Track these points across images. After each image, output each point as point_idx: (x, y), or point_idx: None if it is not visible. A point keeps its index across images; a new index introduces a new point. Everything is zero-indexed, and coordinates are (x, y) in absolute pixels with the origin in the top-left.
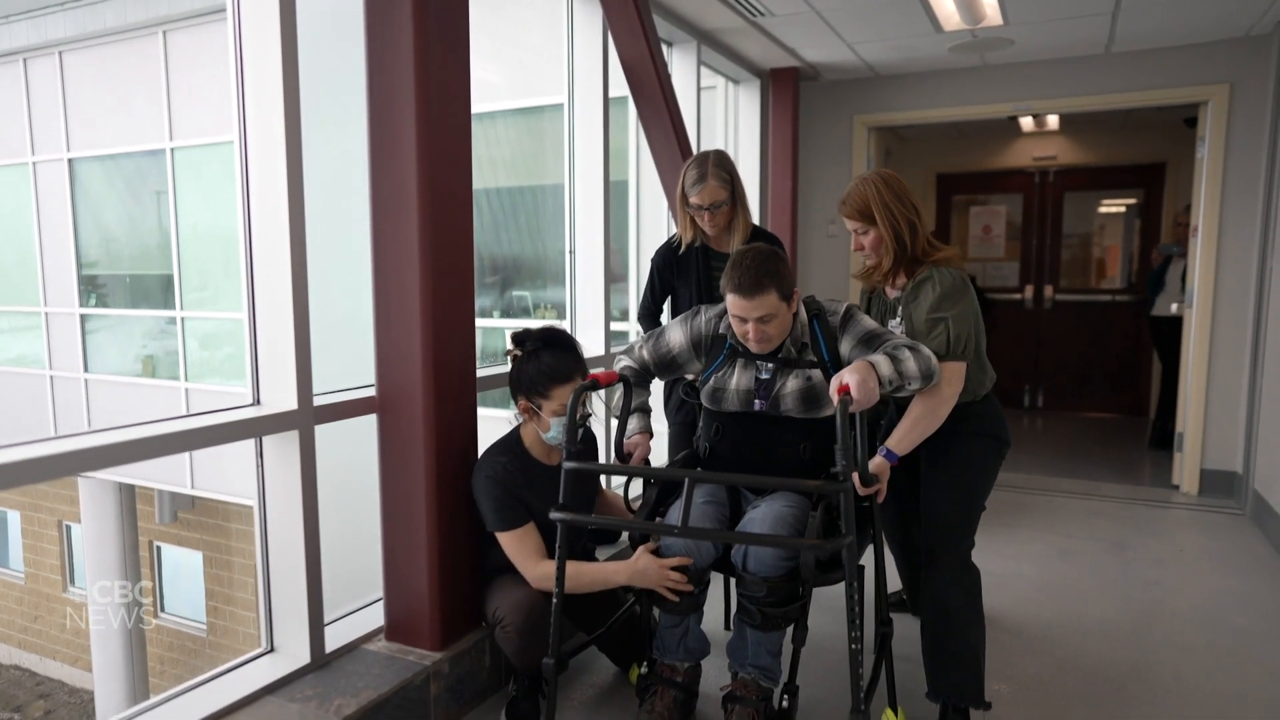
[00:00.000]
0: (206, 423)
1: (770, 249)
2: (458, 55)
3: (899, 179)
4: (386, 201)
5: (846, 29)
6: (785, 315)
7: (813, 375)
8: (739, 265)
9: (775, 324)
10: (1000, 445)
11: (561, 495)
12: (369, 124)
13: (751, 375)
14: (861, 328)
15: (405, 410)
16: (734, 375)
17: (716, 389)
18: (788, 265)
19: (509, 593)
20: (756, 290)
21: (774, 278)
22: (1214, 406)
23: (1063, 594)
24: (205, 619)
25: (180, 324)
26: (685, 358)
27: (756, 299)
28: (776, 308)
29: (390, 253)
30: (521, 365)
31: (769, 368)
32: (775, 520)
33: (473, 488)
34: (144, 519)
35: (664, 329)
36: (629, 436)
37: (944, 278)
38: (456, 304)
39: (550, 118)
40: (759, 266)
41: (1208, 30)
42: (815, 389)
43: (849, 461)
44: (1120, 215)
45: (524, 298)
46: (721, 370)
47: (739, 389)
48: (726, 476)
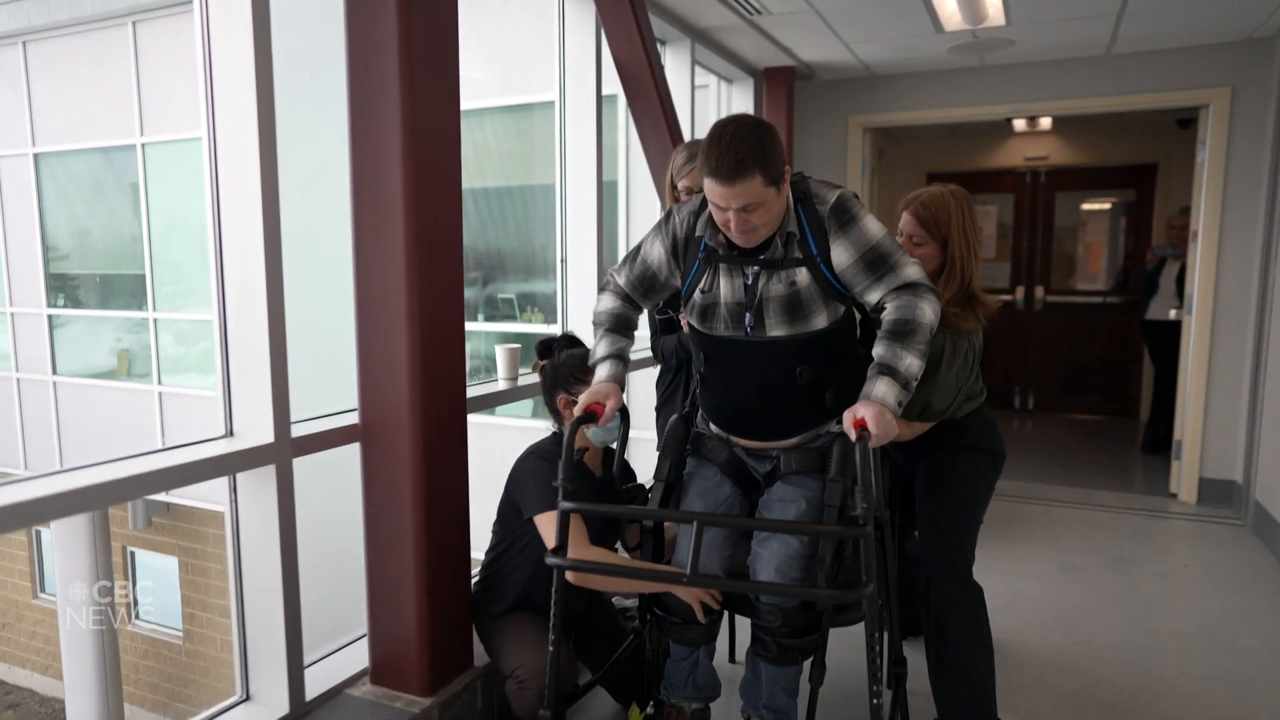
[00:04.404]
0: (174, 461)
1: (756, 119)
2: (446, 52)
3: (971, 202)
4: (369, 210)
5: (845, 28)
6: (774, 202)
7: (798, 278)
8: (717, 142)
9: (761, 212)
10: (995, 459)
11: (560, 538)
12: (350, 126)
13: (740, 284)
14: (864, 237)
15: (391, 438)
16: (720, 285)
17: (706, 305)
18: (777, 141)
19: (532, 651)
20: (737, 174)
21: (759, 159)
22: (1213, 414)
23: (1070, 615)
24: (181, 626)
25: (153, 325)
26: (668, 270)
27: (738, 184)
28: (762, 195)
29: (374, 266)
30: (554, 365)
31: (753, 271)
32: (785, 558)
33: (514, 474)
34: (117, 524)
35: (641, 244)
36: (594, 386)
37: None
38: (446, 321)
39: (540, 116)
40: (741, 144)
41: (1209, 33)
42: (800, 295)
43: (870, 503)
44: (1112, 216)
45: (510, 300)
46: (702, 278)
47: (729, 302)
48: (738, 520)
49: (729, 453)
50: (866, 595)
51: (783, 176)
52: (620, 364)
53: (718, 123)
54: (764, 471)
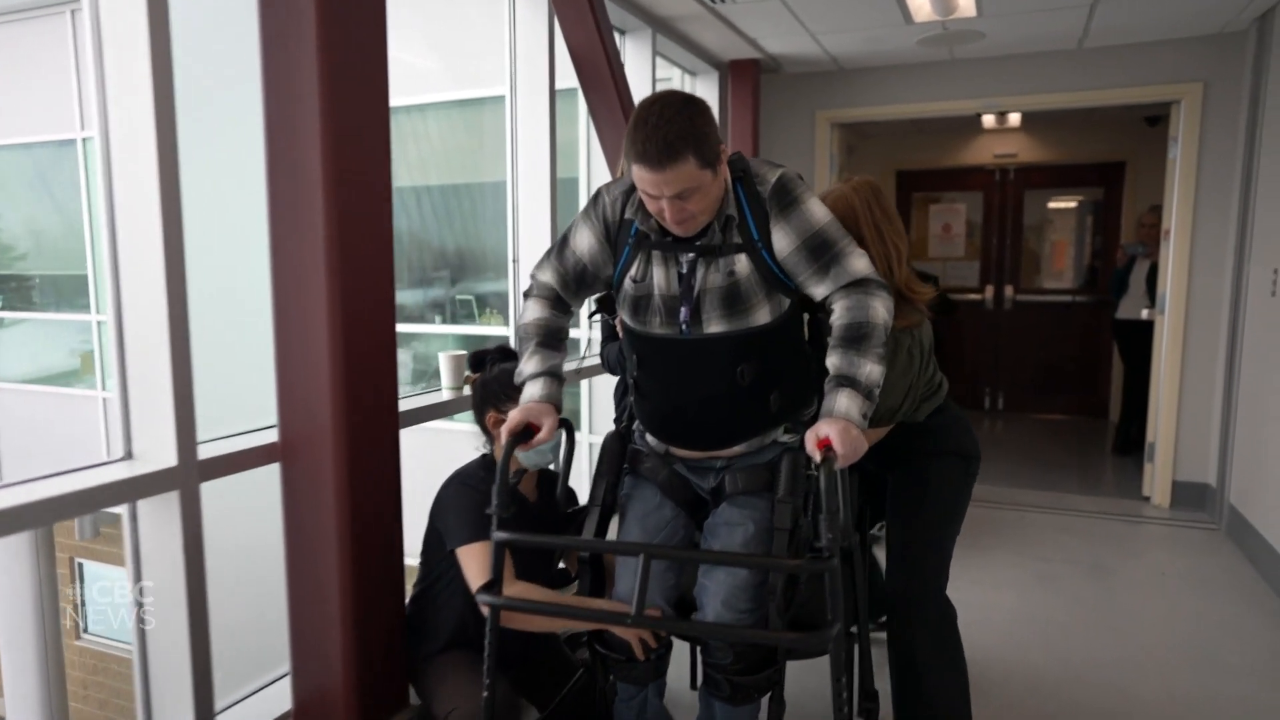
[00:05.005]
0: (60, 490)
1: (685, 95)
2: (372, 27)
3: (885, 196)
4: (286, 203)
5: (811, 18)
6: (711, 186)
7: (737, 266)
8: (643, 124)
9: (698, 198)
10: (969, 462)
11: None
12: (265, 111)
13: (674, 274)
14: (806, 221)
15: (313, 457)
16: (653, 274)
17: (637, 297)
18: (710, 119)
19: (465, 693)
20: (668, 157)
21: (691, 139)
22: (1186, 416)
23: (1046, 629)
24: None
25: (96, 328)
26: (601, 259)
27: (669, 169)
28: (697, 179)
29: (291, 266)
30: (484, 380)
31: (689, 259)
32: (732, 590)
33: (437, 502)
34: (64, 534)
35: (568, 232)
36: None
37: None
38: (374, 326)
39: (491, 111)
40: (669, 124)
41: (1182, 26)
42: (740, 286)
43: (835, 535)
44: (1080, 214)
45: (469, 302)
46: (633, 266)
47: (663, 294)
48: (683, 554)
49: (668, 470)
50: (831, 639)
51: (719, 157)
52: (553, 382)
53: (643, 101)
54: (709, 488)
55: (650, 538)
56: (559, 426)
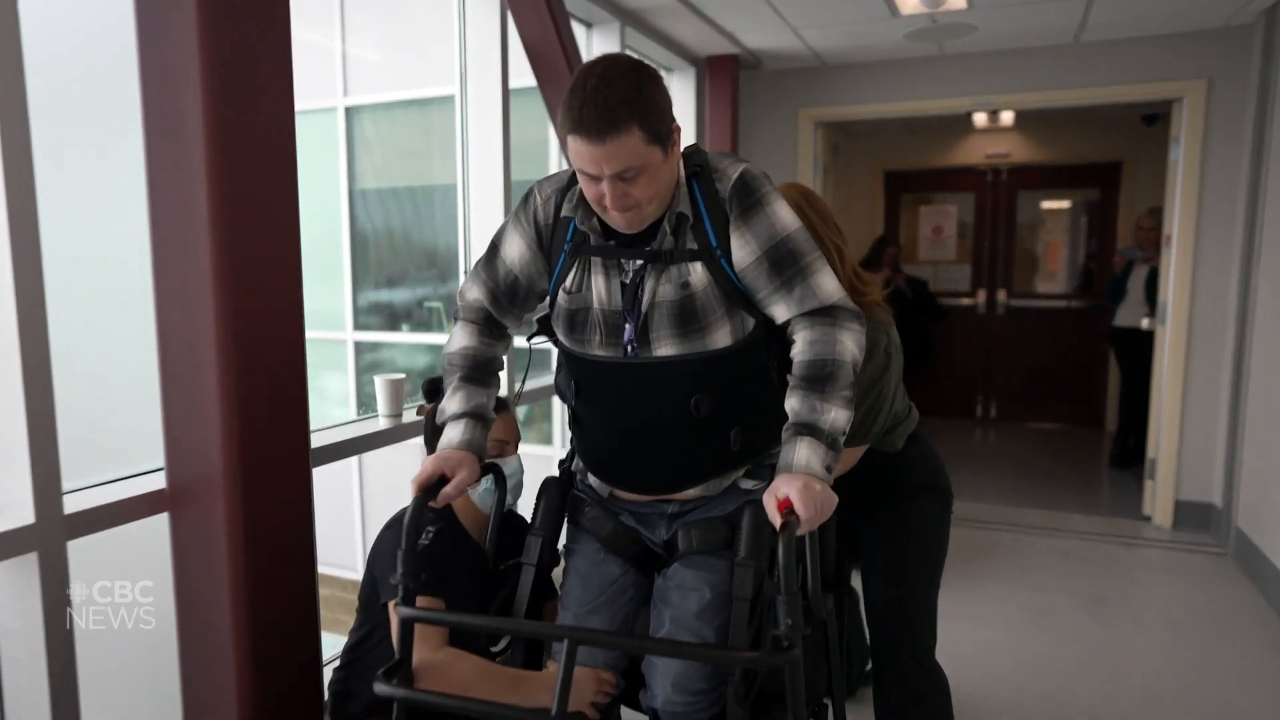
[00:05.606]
0: None
1: (634, 60)
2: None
3: (818, 196)
4: (167, 210)
5: (791, 11)
6: (660, 170)
7: (692, 277)
8: (581, 88)
9: (644, 182)
10: (945, 499)
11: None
12: (143, 110)
13: (617, 284)
14: (770, 227)
15: (205, 505)
16: (592, 284)
17: (573, 311)
18: (662, 89)
19: None
20: (608, 126)
21: (637, 107)
22: (1189, 432)
23: (1042, 672)
24: None
25: None
26: (534, 269)
27: (610, 141)
28: (643, 155)
29: (175, 284)
30: (435, 410)
31: (635, 268)
32: (683, 670)
33: (374, 548)
34: None
35: (496, 239)
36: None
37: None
38: (278, 346)
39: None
40: (612, 88)
41: (1184, 20)
42: (695, 301)
43: (796, 621)
44: (1075, 216)
45: (437, 310)
46: (568, 274)
47: (604, 308)
48: (617, 640)
49: (614, 524)
50: None
51: (670, 136)
52: (475, 426)
53: (583, 65)
54: (660, 541)
55: (593, 599)
56: (484, 474)
